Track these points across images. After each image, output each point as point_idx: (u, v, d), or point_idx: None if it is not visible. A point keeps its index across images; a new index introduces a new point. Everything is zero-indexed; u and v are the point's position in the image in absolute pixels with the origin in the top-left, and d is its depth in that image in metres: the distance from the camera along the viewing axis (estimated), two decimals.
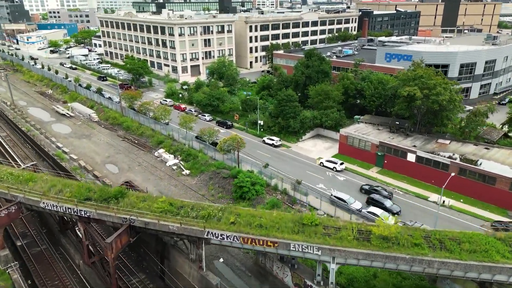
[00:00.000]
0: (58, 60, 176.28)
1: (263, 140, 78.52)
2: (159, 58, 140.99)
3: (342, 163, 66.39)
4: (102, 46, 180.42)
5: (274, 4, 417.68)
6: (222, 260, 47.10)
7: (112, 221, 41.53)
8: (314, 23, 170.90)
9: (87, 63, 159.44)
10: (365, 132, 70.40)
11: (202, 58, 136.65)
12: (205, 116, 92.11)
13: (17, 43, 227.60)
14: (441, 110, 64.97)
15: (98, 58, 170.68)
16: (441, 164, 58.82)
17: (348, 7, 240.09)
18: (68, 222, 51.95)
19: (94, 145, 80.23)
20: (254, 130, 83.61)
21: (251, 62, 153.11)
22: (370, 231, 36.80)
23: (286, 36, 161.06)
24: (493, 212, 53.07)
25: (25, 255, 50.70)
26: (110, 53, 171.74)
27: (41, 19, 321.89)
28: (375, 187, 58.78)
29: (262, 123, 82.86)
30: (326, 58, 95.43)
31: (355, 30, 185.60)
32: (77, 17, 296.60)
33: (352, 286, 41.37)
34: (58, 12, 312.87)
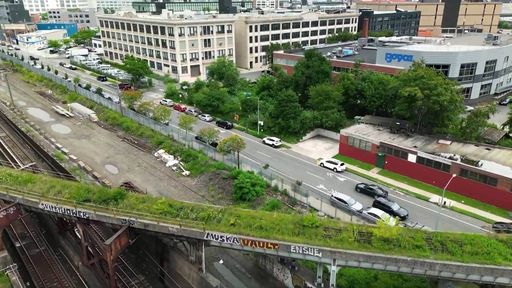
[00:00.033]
0: (57, 60, 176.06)
1: (263, 140, 78.29)
2: (159, 58, 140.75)
3: (342, 164, 66.18)
4: (102, 46, 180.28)
5: (274, 4, 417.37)
6: (222, 261, 46.81)
7: (111, 222, 41.30)
8: (314, 23, 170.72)
9: (87, 63, 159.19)
10: (365, 132, 70.15)
11: (202, 58, 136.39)
12: (205, 116, 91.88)
13: (16, 43, 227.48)
14: (442, 110, 64.78)
15: (98, 58, 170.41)
16: (442, 165, 58.57)
17: (348, 7, 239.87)
18: (67, 223, 51.72)
19: (93, 145, 79.97)
20: (254, 131, 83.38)
21: (251, 62, 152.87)
22: (371, 233, 36.52)
23: (286, 36, 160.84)
24: (494, 213, 52.86)
25: (24, 257, 50.49)
26: (110, 53, 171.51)
27: (41, 19, 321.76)
28: (370, 186, 58.85)
29: (262, 124, 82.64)
30: (326, 58, 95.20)
31: (355, 30, 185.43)
32: (77, 17, 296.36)
33: None
34: (58, 12, 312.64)
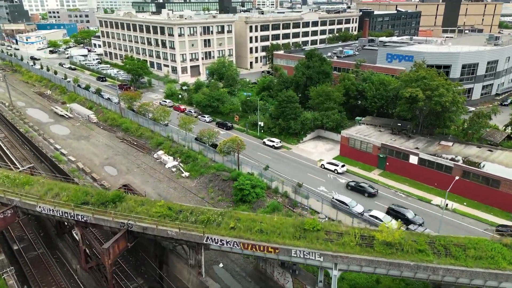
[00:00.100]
0: (57, 60, 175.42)
1: (264, 141, 77.73)
2: (159, 58, 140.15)
3: (343, 165, 65.63)
4: (102, 47, 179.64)
5: (274, 4, 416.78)
6: (221, 265, 46.23)
7: (109, 225, 40.76)
8: (315, 23, 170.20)
9: (86, 64, 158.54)
10: (366, 133, 69.60)
11: (202, 58, 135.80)
12: (205, 117, 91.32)
13: (16, 43, 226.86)
14: (443, 111, 64.22)
15: (97, 59, 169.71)
16: (444, 166, 57.99)
17: (348, 7, 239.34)
18: (65, 226, 51.27)
19: (92, 146, 79.41)
20: (254, 132, 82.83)
21: (251, 63, 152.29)
22: (373, 237, 35.99)
23: (286, 36, 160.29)
24: (497, 215, 52.29)
25: (21, 259, 50.01)
26: (110, 53, 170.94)
27: (40, 19, 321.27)
28: (361, 184, 58.93)
29: (262, 125, 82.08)
30: (326, 58, 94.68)
31: (356, 30, 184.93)
32: (76, 17, 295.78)
33: None
34: (58, 12, 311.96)
